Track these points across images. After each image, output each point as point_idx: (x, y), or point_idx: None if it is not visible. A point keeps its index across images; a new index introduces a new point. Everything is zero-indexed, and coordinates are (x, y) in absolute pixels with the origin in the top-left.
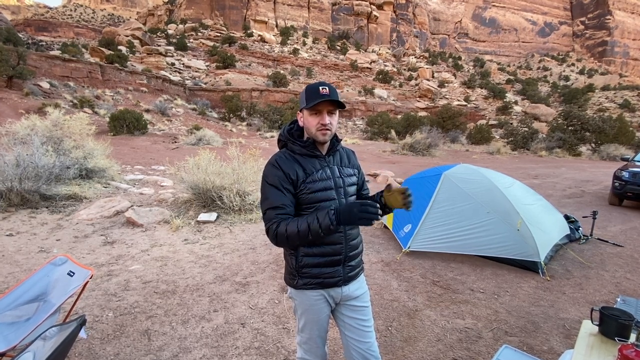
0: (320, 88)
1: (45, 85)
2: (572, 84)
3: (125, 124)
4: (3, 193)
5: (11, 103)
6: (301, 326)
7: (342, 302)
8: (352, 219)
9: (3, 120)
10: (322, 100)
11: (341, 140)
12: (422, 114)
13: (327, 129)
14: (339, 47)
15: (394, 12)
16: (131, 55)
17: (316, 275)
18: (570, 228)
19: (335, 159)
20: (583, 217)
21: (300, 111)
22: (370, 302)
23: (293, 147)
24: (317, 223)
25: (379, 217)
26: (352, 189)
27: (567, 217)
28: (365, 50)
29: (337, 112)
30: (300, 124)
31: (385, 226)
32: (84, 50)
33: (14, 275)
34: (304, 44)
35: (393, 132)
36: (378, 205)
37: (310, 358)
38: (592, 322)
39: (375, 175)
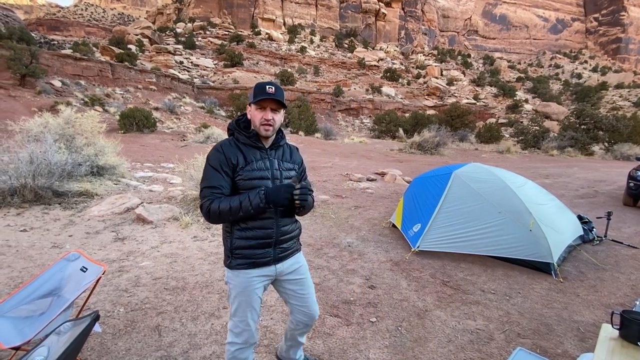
0: (267, 87)
1: (57, 83)
2: (585, 81)
3: (135, 122)
4: (17, 189)
5: (24, 101)
6: (234, 310)
7: (278, 278)
8: (279, 198)
9: (17, 118)
10: (266, 97)
11: (283, 138)
12: (431, 112)
13: (270, 125)
14: (346, 45)
15: (403, 9)
16: (140, 53)
17: (248, 256)
18: (584, 229)
19: (277, 153)
20: (597, 217)
21: (249, 105)
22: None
23: (238, 136)
24: (248, 201)
25: (297, 199)
26: (290, 181)
27: (580, 218)
28: (373, 48)
29: (282, 111)
30: (249, 116)
31: (393, 225)
32: (94, 49)
33: (28, 270)
34: (312, 42)
35: (401, 131)
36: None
37: (241, 342)
38: (612, 325)
39: (383, 174)
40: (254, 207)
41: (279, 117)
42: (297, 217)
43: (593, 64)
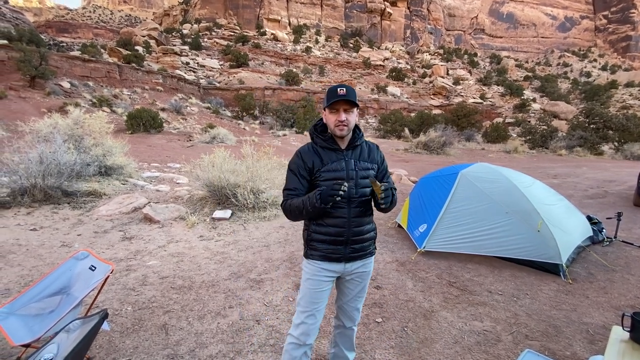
0: (339, 89)
1: (66, 84)
2: (594, 80)
3: (142, 123)
4: (27, 189)
5: (34, 102)
6: (300, 297)
7: (343, 276)
8: (325, 197)
9: (27, 119)
10: (338, 99)
11: (361, 135)
12: (437, 112)
13: (344, 125)
14: (351, 45)
15: (408, 8)
16: (147, 55)
17: (321, 249)
18: (593, 230)
19: (354, 153)
20: (607, 218)
21: (324, 110)
22: (386, 296)
23: (316, 140)
24: (307, 200)
25: (339, 195)
26: (366, 181)
27: (589, 218)
28: (379, 48)
29: (355, 110)
30: (324, 121)
31: (399, 225)
32: (102, 50)
33: (38, 268)
34: (317, 42)
35: (407, 131)
36: (343, 187)
37: (295, 335)
38: (622, 328)
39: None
40: (311, 205)
41: (352, 117)
42: (373, 220)
43: (602, 62)
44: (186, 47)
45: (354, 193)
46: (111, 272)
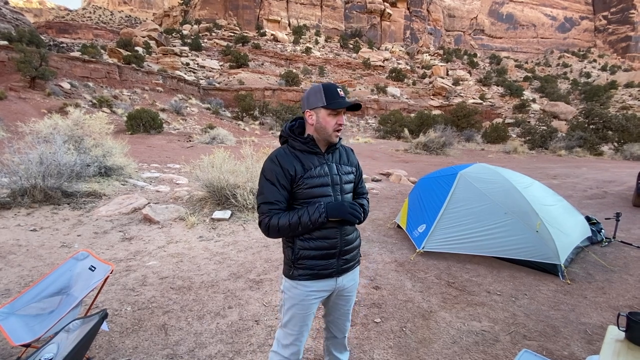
0: (339, 91)
1: (66, 85)
2: (594, 81)
3: (142, 123)
4: (27, 190)
5: (34, 103)
6: (286, 321)
7: (334, 293)
8: (341, 212)
9: (27, 120)
10: (348, 105)
11: (341, 139)
12: (436, 112)
13: (341, 129)
14: (351, 46)
15: (408, 9)
16: (147, 55)
17: (311, 266)
18: (592, 230)
19: (334, 156)
20: (606, 218)
21: (311, 109)
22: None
23: (293, 144)
24: (307, 216)
25: (361, 220)
26: (349, 186)
27: (588, 219)
28: (378, 49)
29: None
30: (310, 121)
31: (398, 226)
32: (102, 51)
33: (38, 269)
34: (317, 42)
35: (406, 131)
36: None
37: (286, 355)
38: (618, 327)
39: (388, 175)
40: (313, 222)
41: None
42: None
43: (602, 63)
44: (186, 48)
45: (339, 199)
46: (111, 273)
